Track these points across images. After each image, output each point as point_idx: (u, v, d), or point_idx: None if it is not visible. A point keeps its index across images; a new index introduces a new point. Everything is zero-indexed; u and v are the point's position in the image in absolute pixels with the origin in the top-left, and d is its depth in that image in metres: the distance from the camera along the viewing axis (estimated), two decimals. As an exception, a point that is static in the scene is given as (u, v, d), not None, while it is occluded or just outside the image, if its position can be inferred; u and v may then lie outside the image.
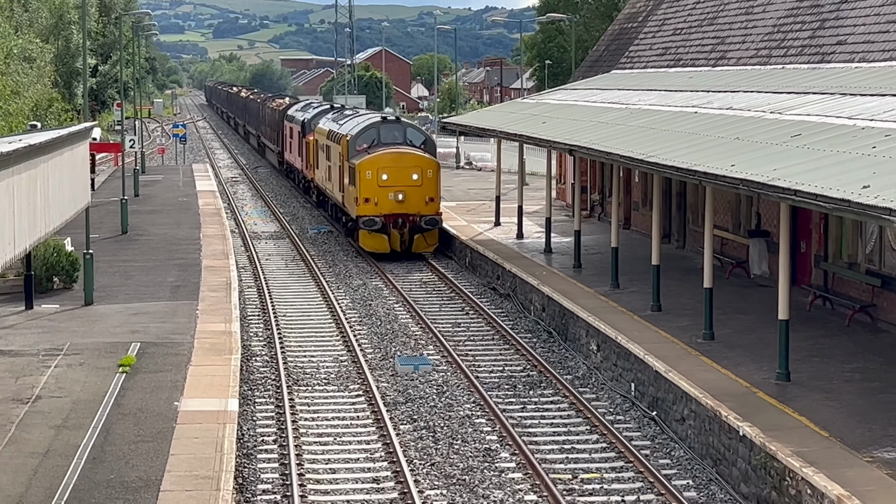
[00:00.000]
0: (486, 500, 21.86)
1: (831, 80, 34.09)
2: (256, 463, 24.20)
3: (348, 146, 51.23)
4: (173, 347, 30.74)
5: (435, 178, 49.50)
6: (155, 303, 36.92)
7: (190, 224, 56.15)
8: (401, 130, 52.45)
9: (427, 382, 30.14)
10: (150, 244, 49.78)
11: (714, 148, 29.66)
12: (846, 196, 20.48)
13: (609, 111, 43.48)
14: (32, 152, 29.40)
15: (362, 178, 48.65)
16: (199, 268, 43.29)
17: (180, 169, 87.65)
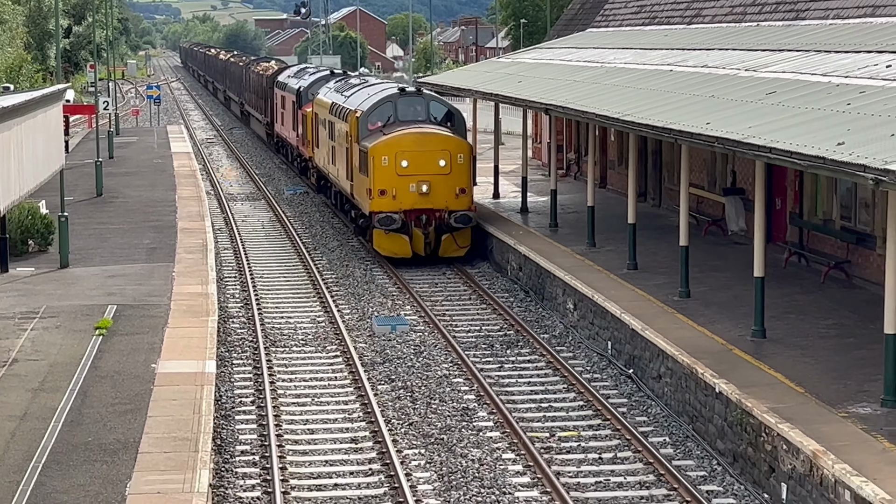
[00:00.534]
0: (464, 458, 21.92)
1: (806, 37, 34.08)
2: (235, 424, 24.23)
3: (358, 125, 42.06)
4: (150, 310, 30.71)
5: (467, 164, 40.14)
6: (131, 265, 36.85)
7: (165, 186, 55.98)
8: (422, 105, 42.72)
9: (404, 342, 30.18)
10: (126, 206, 49.63)
11: (689, 106, 29.66)
12: (821, 153, 20.51)
13: (584, 70, 43.47)
14: (5, 115, 29.24)
15: (377, 166, 39.47)
16: (174, 230, 43.19)
17: (155, 131, 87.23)
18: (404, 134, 40.19)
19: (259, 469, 21.65)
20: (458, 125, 42.31)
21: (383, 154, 39.56)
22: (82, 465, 19.67)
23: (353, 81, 51.93)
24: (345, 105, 45.83)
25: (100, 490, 18.60)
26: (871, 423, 19.49)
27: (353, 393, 26.21)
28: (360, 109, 42.63)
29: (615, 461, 21.91)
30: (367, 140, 40.89)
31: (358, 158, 41.97)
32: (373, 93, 44.75)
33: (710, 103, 29.26)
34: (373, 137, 40.77)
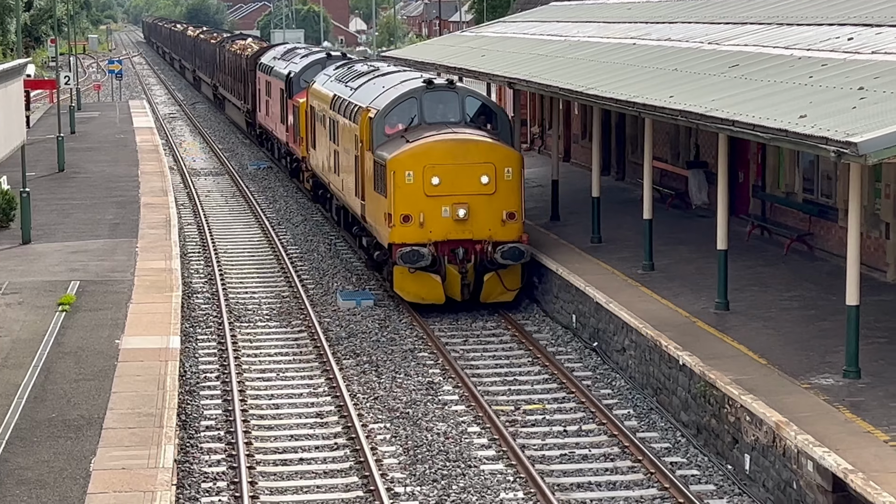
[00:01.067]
0: (429, 432, 21.97)
1: (768, 10, 34.19)
2: (199, 399, 24.21)
3: (372, 128, 32.33)
4: (113, 285, 30.64)
5: (516, 181, 30.82)
6: (94, 241, 36.72)
7: (128, 161, 55.77)
8: (456, 101, 32.75)
9: (369, 317, 30.19)
10: (88, 182, 49.43)
11: (653, 79, 29.73)
12: (783, 126, 20.60)
13: (548, 44, 43.48)
14: (-34, 90, 29.05)
15: (399, 183, 30.21)
16: (137, 205, 43.06)
17: (117, 105, 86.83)
18: (435, 141, 30.70)
19: (224, 444, 21.64)
20: (501, 127, 32.64)
21: (407, 168, 30.33)
22: (46, 442, 19.64)
23: (358, 68, 41.62)
24: (352, 100, 36.33)
25: (64, 466, 18.57)
26: (834, 394, 19.62)
27: (318, 368, 26.22)
28: (375, 107, 33.01)
29: (580, 434, 22.00)
30: (385, 149, 31.50)
31: (372, 172, 32.37)
32: (389, 85, 34.91)
33: (673, 77, 29.34)
34: (393, 145, 31.36)
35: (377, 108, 32.50)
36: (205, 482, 19.88)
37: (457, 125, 31.67)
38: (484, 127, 32.04)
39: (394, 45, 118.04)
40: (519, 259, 30.15)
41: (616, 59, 34.81)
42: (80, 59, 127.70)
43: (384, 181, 30.72)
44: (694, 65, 30.01)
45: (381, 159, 31.08)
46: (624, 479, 19.79)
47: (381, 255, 32.27)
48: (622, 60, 34.15)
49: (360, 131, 33.51)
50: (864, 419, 18.41)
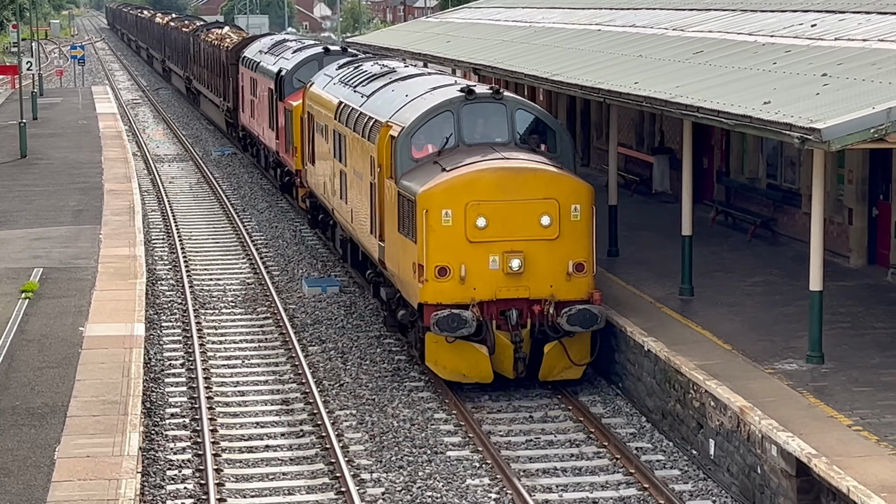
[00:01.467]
0: (395, 419, 21.97)
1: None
2: (164, 387, 24.15)
3: (395, 149, 24.70)
4: (77, 272, 30.52)
5: (586, 222, 23.41)
6: (57, 227, 36.57)
7: (91, 147, 55.53)
8: (504, 117, 25.19)
9: (335, 304, 30.16)
10: (51, 168, 49.20)
11: (618, 66, 29.75)
12: (747, 112, 20.65)
13: (513, 30, 43.44)
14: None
15: (433, 225, 22.91)
16: (101, 191, 42.89)
17: (79, 91, 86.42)
18: (481, 170, 23.03)
19: (190, 431, 21.61)
20: (562, 149, 24.91)
21: (445, 205, 22.60)
22: (10, 430, 19.57)
23: (369, 68, 32.72)
24: (365, 110, 28.24)
25: (28, 454, 18.52)
26: (797, 379, 19.74)
27: (283, 354, 26.18)
28: (398, 123, 24.88)
29: (545, 420, 22.06)
30: (414, 178, 23.71)
31: (396, 207, 24.39)
32: (414, 92, 26.64)
33: (638, 63, 29.36)
34: (423, 174, 23.62)
35: (401, 125, 24.60)
36: (170, 470, 19.85)
37: (505, 147, 24.20)
38: (539, 149, 24.58)
39: (358, 31, 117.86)
40: (590, 325, 22.83)
41: (581, 45, 34.80)
42: (42, 45, 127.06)
43: (412, 221, 23.00)
44: (659, 51, 30.04)
45: (409, 192, 23.38)
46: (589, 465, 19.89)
47: (407, 316, 24.67)
48: (587, 47, 34.14)
49: (379, 153, 25.47)
50: (827, 404, 18.54)
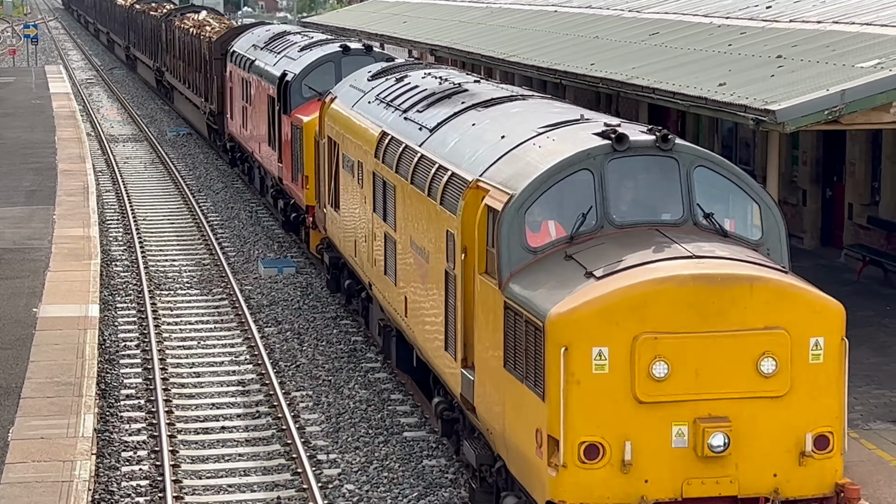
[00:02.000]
0: (351, 400, 21.98)
1: (689, -22, 34.41)
2: (119, 368, 24.06)
3: (501, 232, 14.63)
4: (30, 253, 30.35)
5: (834, 365, 13.67)
6: (10, 208, 36.33)
7: (44, 127, 55.13)
8: (674, 177, 14.94)
9: (291, 285, 30.12)
10: (4, 148, 48.83)
11: (574, 47, 29.86)
12: (703, 94, 20.79)
13: (470, 10, 43.50)
14: None
15: (576, 373, 13.23)
16: (55, 172, 42.61)
17: (32, 71, 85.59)
18: (659, 279, 13.54)
19: (145, 413, 21.54)
20: (769, 231, 15.49)
21: (598, 340, 13.40)
22: (-37, 412, 19.50)
23: (420, 82, 22.48)
24: (431, 154, 18.47)
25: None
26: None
27: (239, 336, 26.14)
28: (501, 186, 15.32)
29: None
30: (535, 282, 14.43)
31: (500, 326, 14.84)
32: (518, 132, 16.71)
33: (594, 44, 29.47)
34: (551, 277, 14.36)
35: (508, 189, 14.94)
36: (125, 451, 19.79)
37: (679, 230, 14.80)
38: (731, 231, 15.11)
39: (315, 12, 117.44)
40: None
41: (537, 26, 34.91)
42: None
43: (535, 359, 13.89)
44: (615, 32, 30.16)
45: (529, 310, 13.94)
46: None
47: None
48: (544, 28, 34.25)
49: (465, 229, 15.90)
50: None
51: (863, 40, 21.68)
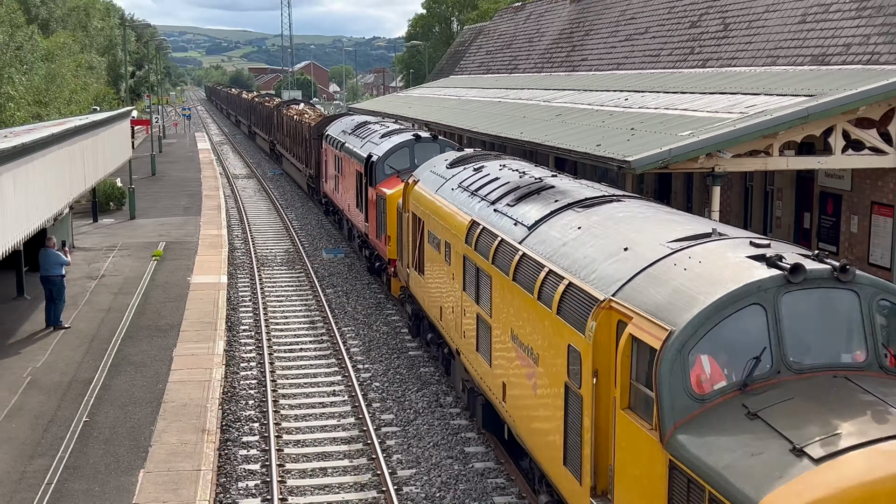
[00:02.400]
0: (377, 332, 21.98)
1: (578, 81, 34.50)
2: (239, 313, 24.07)
3: (661, 374, 7.71)
4: (186, 245, 30.35)
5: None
6: (174, 217, 36.33)
7: (194, 169, 55.02)
8: (854, 313, 7.82)
9: (342, 263, 30.09)
10: (170, 181, 48.76)
11: (510, 122, 29.89)
12: (587, 150, 20.83)
13: (448, 100, 43.50)
14: (95, 126, 28.66)
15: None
16: (200, 196, 42.57)
17: (187, 136, 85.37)
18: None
19: (254, 340, 21.57)
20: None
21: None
22: (145, 339, 19.51)
23: (500, 174, 16.11)
24: (539, 256, 11.31)
25: (157, 353, 18.48)
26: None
27: (310, 293, 26.13)
28: (651, 315, 8.23)
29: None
30: (713, 445, 7.18)
31: (664, 487, 7.54)
32: (647, 245, 9.60)
33: (522, 121, 29.51)
34: (737, 444, 7.00)
35: (665, 324, 8.13)
36: (242, 363, 19.83)
37: (867, 374, 7.85)
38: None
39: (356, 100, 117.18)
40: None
41: (489, 110, 34.93)
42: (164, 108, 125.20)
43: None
44: (535, 114, 30.21)
45: (726, 495, 6.84)
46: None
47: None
48: (492, 111, 34.28)
49: (596, 351, 9.20)
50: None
51: (682, 120, 21.75)
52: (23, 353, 18.67)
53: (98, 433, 14.66)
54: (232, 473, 14.31)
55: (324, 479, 14.07)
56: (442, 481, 13.90)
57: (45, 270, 20.41)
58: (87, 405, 15.81)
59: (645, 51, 32.51)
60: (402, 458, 14.77)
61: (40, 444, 14.27)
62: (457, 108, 38.76)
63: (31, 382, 16.92)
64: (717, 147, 18.70)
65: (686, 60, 29.24)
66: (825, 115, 18.97)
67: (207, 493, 12.63)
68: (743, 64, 25.89)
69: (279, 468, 14.42)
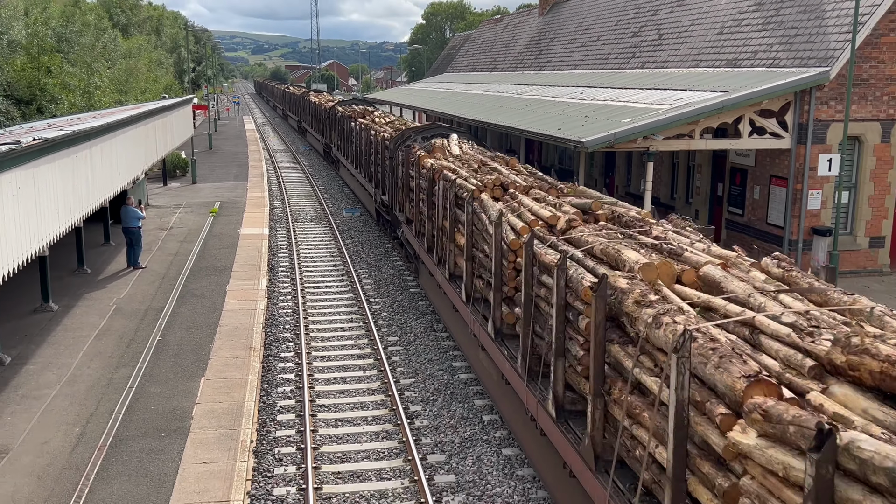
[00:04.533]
0: (385, 273, 21.87)
1: (544, 78, 34.17)
2: (278, 258, 23.98)
3: None
4: (236, 204, 30.15)
5: None
6: (225, 183, 36.03)
7: (242, 145, 54.49)
8: None
9: (358, 219, 29.92)
10: (223, 154, 48.29)
11: (489, 111, 29.65)
12: (550, 133, 20.70)
13: (441, 93, 43.07)
14: (166, 109, 28.31)
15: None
16: (247, 166, 42.20)
17: (237, 118, 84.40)
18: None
19: (290, 278, 21.52)
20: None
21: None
22: (205, 277, 19.46)
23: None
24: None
25: (214, 287, 18.44)
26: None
27: (332, 243, 26.04)
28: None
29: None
30: None
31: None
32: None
33: (500, 110, 29.27)
34: None
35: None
36: (280, 296, 19.81)
37: None
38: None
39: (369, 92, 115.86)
40: None
41: (472, 101, 34.60)
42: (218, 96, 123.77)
43: None
44: (509, 104, 29.96)
45: None
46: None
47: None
48: (476, 102, 33.96)
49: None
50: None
51: (625, 110, 21.60)
52: (109, 287, 18.63)
53: (168, 349, 14.70)
54: (272, 381, 14.39)
55: (344, 386, 14.17)
56: (434, 388, 14.00)
57: (126, 223, 20.31)
58: (159, 328, 15.84)
59: (597, 55, 32.19)
60: (404, 370, 14.83)
61: (123, 357, 14.32)
62: (448, 99, 38.39)
63: (117, 310, 16.91)
64: (651, 131, 18.62)
65: (629, 63, 28.97)
66: (736, 106, 18.88)
67: (253, 395, 12.71)
68: (673, 66, 25.67)
69: (309, 377, 14.50)
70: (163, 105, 29.31)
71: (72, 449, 10.87)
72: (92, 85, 39.19)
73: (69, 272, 19.81)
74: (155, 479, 10.08)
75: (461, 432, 12.11)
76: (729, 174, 22.22)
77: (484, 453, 11.42)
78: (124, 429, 11.49)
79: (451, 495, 10.31)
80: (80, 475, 10.19)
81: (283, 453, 11.55)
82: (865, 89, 19.38)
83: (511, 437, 11.83)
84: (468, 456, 11.36)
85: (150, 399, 12.50)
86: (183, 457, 10.58)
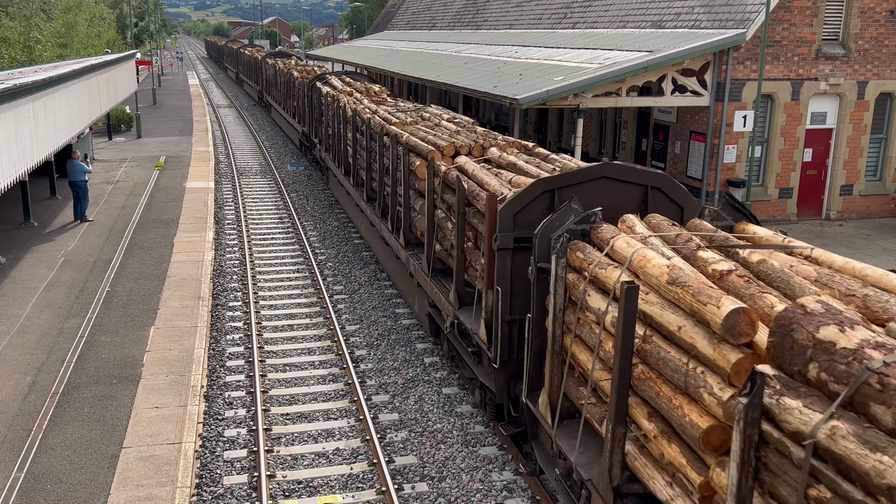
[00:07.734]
0: (330, 226, 21.67)
1: (481, 37, 33.85)
2: (224, 211, 23.49)
3: None
4: (181, 158, 29.30)
5: None
6: (170, 137, 34.93)
7: (186, 100, 52.72)
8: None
9: (303, 174, 29.46)
10: (167, 109, 46.68)
11: (429, 69, 29.29)
12: (487, 90, 20.61)
13: (381, 50, 42.30)
14: (108, 64, 27.16)
15: None
16: (192, 121, 40.93)
17: (180, 74, 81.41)
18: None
19: (236, 231, 21.14)
20: None
21: None
22: (152, 229, 18.97)
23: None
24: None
25: (161, 240, 18.01)
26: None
27: (278, 196, 25.62)
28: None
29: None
30: None
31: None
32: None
33: (438, 67, 28.96)
34: None
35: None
36: (227, 248, 19.48)
37: None
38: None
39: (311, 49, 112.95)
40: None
41: (413, 59, 34.11)
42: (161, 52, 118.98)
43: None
44: (447, 62, 29.64)
45: None
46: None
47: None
48: (416, 59, 33.49)
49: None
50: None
51: (557, 69, 21.62)
52: (56, 240, 18.01)
53: (118, 300, 14.36)
54: (222, 329, 14.24)
55: (291, 333, 14.12)
56: (378, 333, 14.07)
57: (72, 177, 19.58)
58: (108, 279, 15.43)
59: (531, 15, 32.00)
60: (349, 317, 14.85)
61: (73, 308, 13.94)
62: (388, 56, 37.76)
63: (65, 262, 16.39)
64: (581, 89, 18.72)
65: (561, 23, 28.91)
66: (660, 66, 19.09)
67: (203, 343, 12.57)
68: (602, 26, 25.73)
69: (257, 325, 14.39)
70: (106, 60, 28.08)
71: (24, 397, 10.61)
72: (32, 39, 37.19)
73: (15, 225, 19.06)
74: (108, 424, 9.94)
75: (404, 374, 12.25)
76: (652, 130, 22.57)
77: (425, 392, 11.60)
78: (76, 377, 11.25)
79: (394, 432, 10.47)
80: (32, 422, 9.97)
81: (234, 397, 11.50)
82: (778, 50, 19.82)
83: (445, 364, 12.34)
84: (410, 396, 11.52)
85: (101, 348, 12.24)
86: (135, 402, 10.45)
